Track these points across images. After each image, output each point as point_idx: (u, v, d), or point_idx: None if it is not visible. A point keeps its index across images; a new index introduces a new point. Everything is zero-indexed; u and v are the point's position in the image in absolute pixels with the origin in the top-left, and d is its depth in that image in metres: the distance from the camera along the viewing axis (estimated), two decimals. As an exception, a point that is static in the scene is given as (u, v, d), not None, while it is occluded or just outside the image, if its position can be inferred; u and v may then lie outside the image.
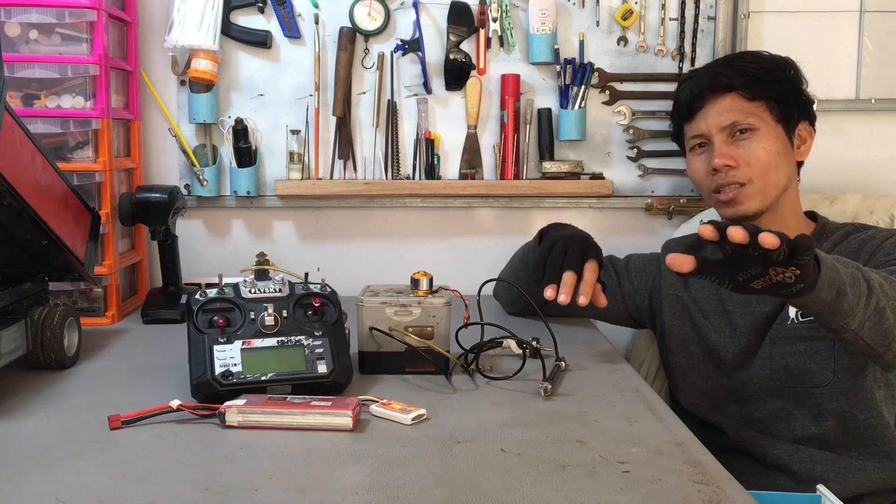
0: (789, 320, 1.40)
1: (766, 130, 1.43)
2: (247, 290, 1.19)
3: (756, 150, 1.42)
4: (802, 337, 1.39)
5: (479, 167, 1.91)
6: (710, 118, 1.45)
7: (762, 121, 1.43)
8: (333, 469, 0.91)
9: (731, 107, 1.43)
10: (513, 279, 1.57)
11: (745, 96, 1.43)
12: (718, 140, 1.44)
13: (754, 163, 1.41)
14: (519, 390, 1.19)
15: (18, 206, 1.16)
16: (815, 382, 1.39)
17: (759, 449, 1.41)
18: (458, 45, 1.85)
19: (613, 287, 1.59)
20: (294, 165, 1.87)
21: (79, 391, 1.20)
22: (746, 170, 1.42)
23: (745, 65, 1.44)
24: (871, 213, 1.76)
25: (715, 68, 1.48)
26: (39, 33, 1.57)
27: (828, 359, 1.38)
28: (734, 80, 1.43)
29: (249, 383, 1.10)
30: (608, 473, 0.90)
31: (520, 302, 1.62)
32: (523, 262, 1.57)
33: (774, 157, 1.42)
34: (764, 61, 1.46)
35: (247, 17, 1.85)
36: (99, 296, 1.63)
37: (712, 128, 1.44)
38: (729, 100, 1.43)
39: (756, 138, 1.42)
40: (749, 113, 1.42)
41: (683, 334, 1.51)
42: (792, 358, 1.40)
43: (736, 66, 1.45)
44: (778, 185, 1.43)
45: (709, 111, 1.45)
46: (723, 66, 1.47)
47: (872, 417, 1.39)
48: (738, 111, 1.43)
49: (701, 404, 1.49)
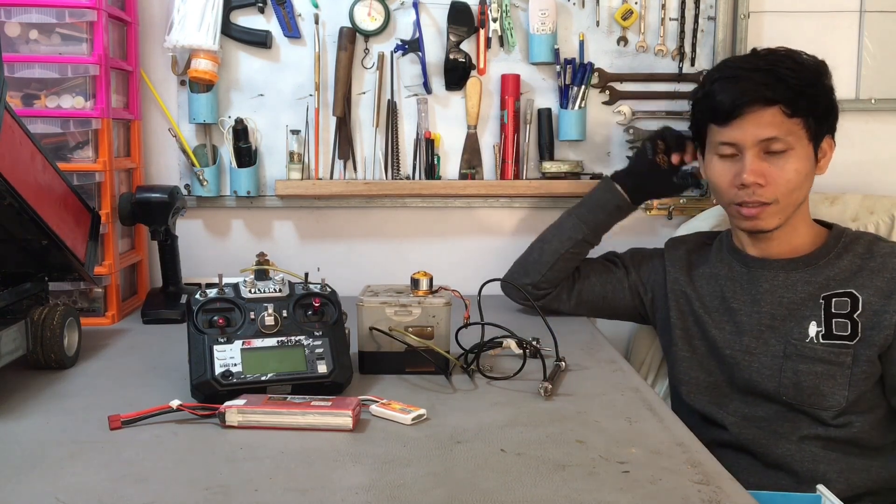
0: (808, 339, 1.38)
1: (800, 150, 1.38)
2: (247, 290, 1.19)
3: (787, 172, 1.37)
4: (822, 359, 1.37)
5: (479, 167, 1.91)
6: (748, 129, 1.37)
7: (798, 140, 1.37)
8: (333, 469, 0.91)
9: (771, 121, 1.36)
10: (533, 248, 1.66)
11: (786, 112, 1.35)
12: (751, 154, 1.37)
13: (783, 184, 1.37)
14: (519, 390, 1.20)
15: (18, 206, 1.16)
16: (824, 406, 1.37)
17: (761, 447, 1.41)
18: (458, 45, 1.85)
19: (621, 278, 1.61)
20: (294, 165, 1.87)
21: (79, 391, 1.20)
22: (774, 190, 1.37)
23: (787, 73, 1.36)
24: (871, 214, 1.76)
25: (759, 76, 1.37)
26: (39, 33, 1.57)
27: (842, 385, 1.36)
28: (778, 93, 1.35)
29: (249, 383, 1.10)
30: (608, 473, 0.90)
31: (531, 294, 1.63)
32: (559, 227, 1.65)
33: (802, 178, 1.38)
34: (805, 70, 1.38)
35: (247, 17, 1.85)
36: (99, 296, 1.63)
37: (748, 140, 1.37)
38: (770, 114, 1.36)
39: (790, 159, 1.37)
40: (788, 131, 1.36)
41: (688, 329, 1.51)
42: (806, 378, 1.37)
43: (779, 74, 1.36)
44: (797, 202, 1.41)
45: (747, 122, 1.37)
46: (767, 74, 1.37)
47: (881, 425, 1.40)
48: (778, 127, 1.36)
49: (703, 399, 1.49)
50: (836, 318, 1.38)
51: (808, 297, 1.40)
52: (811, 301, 1.40)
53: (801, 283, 1.41)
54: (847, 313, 1.37)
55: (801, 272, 1.42)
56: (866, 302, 1.37)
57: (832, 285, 1.40)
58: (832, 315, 1.38)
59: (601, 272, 1.63)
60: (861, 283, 1.38)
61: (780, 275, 1.43)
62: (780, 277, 1.43)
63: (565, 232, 1.61)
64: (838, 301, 1.38)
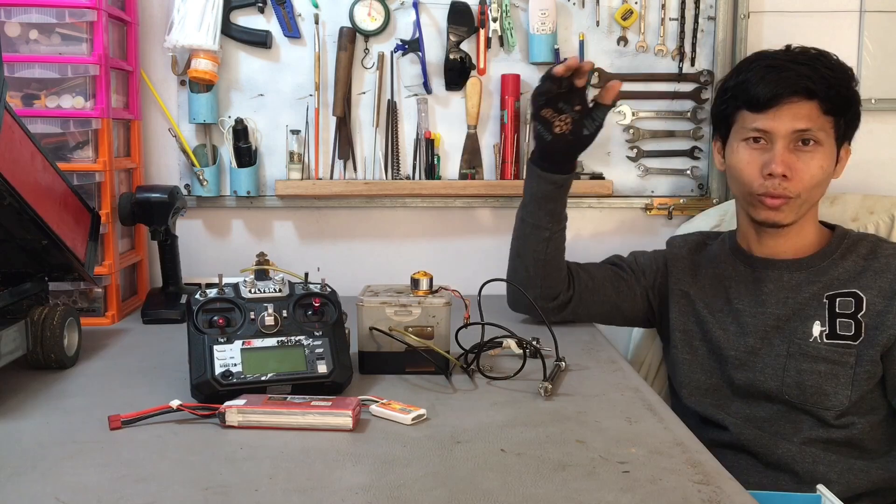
0: (812, 338, 1.38)
1: (828, 148, 1.39)
2: (247, 290, 1.19)
3: (813, 168, 1.37)
4: (825, 358, 1.37)
5: (479, 167, 1.91)
6: (783, 119, 1.37)
7: (828, 137, 1.38)
8: (333, 469, 0.91)
9: (808, 114, 1.36)
10: (516, 268, 1.53)
11: (822, 108, 1.37)
12: (781, 145, 1.37)
13: (808, 179, 1.38)
14: (519, 390, 1.19)
15: (18, 206, 1.16)
16: (826, 405, 1.37)
17: (762, 448, 1.40)
18: (458, 45, 1.85)
19: (633, 285, 1.57)
20: (294, 165, 1.87)
21: (79, 391, 1.20)
22: (798, 184, 1.38)
23: (826, 71, 1.37)
24: (871, 214, 1.76)
25: (802, 69, 1.37)
26: (39, 33, 1.57)
27: (845, 385, 1.37)
28: (819, 87, 1.36)
29: (249, 383, 1.10)
30: (608, 473, 0.90)
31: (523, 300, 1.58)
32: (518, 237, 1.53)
33: (825, 176, 1.39)
34: (841, 72, 1.39)
35: (247, 17, 1.85)
36: (99, 296, 1.63)
37: (781, 129, 1.37)
38: (808, 107, 1.36)
39: (818, 154, 1.38)
40: (820, 127, 1.37)
41: (688, 330, 1.51)
42: (809, 377, 1.38)
43: (819, 71, 1.37)
44: (815, 200, 1.42)
45: (784, 111, 1.37)
46: (810, 68, 1.37)
47: (881, 427, 1.40)
48: (813, 121, 1.37)
49: (704, 401, 1.48)
50: (839, 317, 1.38)
51: (812, 298, 1.40)
52: (815, 301, 1.40)
53: (805, 283, 1.42)
54: (851, 313, 1.38)
55: (806, 273, 1.42)
56: (870, 302, 1.37)
57: (836, 285, 1.40)
58: (836, 315, 1.38)
59: (612, 280, 1.57)
60: (865, 284, 1.39)
61: (785, 275, 1.43)
62: (784, 278, 1.43)
63: (532, 238, 1.50)
64: (842, 301, 1.39)
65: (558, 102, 1.38)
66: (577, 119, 1.39)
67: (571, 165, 1.48)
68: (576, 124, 1.39)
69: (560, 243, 1.51)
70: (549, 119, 1.39)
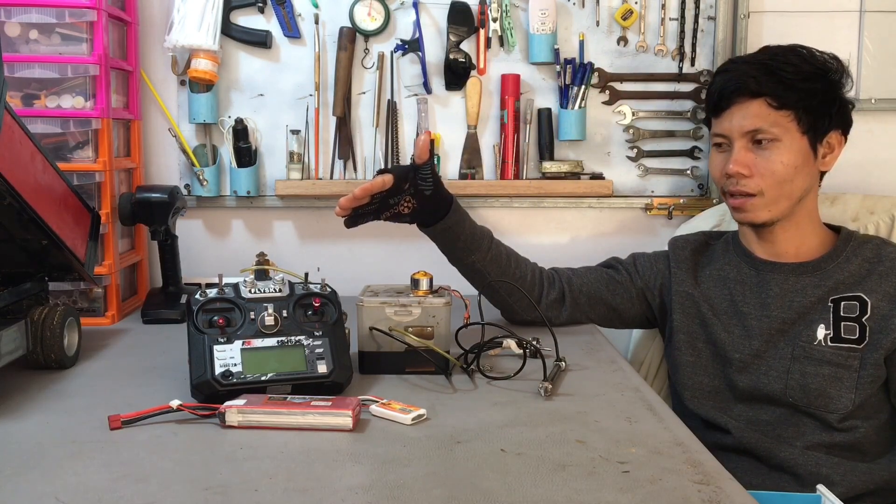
0: (816, 341, 1.38)
1: (789, 142, 1.38)
2: (247, 290, 1.19)
3: (773, 163, 1.38)
4: (829, 362, 1.37)
5: (479, 167, 1.91)
6: (734, 120, 1.40)
7: (786, 132, 1.38)
8: (333, 469, 0.91)
9: (757, 113, 1.38)
10: (493, 303, 1.54)
11: (772, 104, 1.37)
12: (738, 145, 1.40)
13: (768, 175, 1.38)
14: (519, 390, 1.19)
15: (18, 206, 1.16)
16: (830, 408, 1.37)
17: (765, 451, 1.40)
18: (458, 45, 1.85)
19: (628, 287, 1.57)
20: (294, 165, 1.87)
21: (79, 391, 1.20)
22: (759, 181, 1.39)
23: (782, 68, 1.38)
24: (872, 214, 1.76)
25: (749, 69, 1.40)
26: (39, 33, 1.57)
27: (849, 388, 1.36)
28: (764, 85, 1.37)
29: (249, 383, 1.10)
30: (608, 473, 0.90)
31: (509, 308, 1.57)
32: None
33: (791, 170, 1.38)
34: (805, 65, 1.39)
35: (247, 17, 1.85)
36: (99, 296, 1.63)
37: (734, 131, 1.40)
38: (756, 105, 1.38)
39: (776, 150, 1.38)
40: (774, 122, 1.38)
41: (692, 332, 1.50)
42: (813, 380, 1.37)
43: (772, 68, 1.38)
44: (792, 195, 1.40)
45: (734, 113, 1.40)
46: (758, 67, 1.39)
47: (884, 431, 1.40)
48: (764, 119, 1.38)
49: (706, 404, 1.48)
50: (844, 321, 1.38)
51: (817, 301, 1.40)
52: (820, 304, 1.40)
53: (810, 287, 1.41)
54: (856, 317, 1.38)
55: (811, 276, 1.42)
56: (875, 306, 1.37)
57: (841, 289, 1.40)
58: (841, 318, 1.38)
59: (608, 283, 1.57)
60: (870, 287, 1.39)
61: (790, 279, 1.43)
62: (790, 281, 1.43)
63: (476, 278, 1.51)
64: (847, 304, 1.38)
65: (388, 200, 1.38)
66: (412, 192, 1.39)
67: (443, 207, 1.44)
68: (416, 196, 1.39)
69: (497, 260, 1.50)
70: (393, 214, 1.40)
